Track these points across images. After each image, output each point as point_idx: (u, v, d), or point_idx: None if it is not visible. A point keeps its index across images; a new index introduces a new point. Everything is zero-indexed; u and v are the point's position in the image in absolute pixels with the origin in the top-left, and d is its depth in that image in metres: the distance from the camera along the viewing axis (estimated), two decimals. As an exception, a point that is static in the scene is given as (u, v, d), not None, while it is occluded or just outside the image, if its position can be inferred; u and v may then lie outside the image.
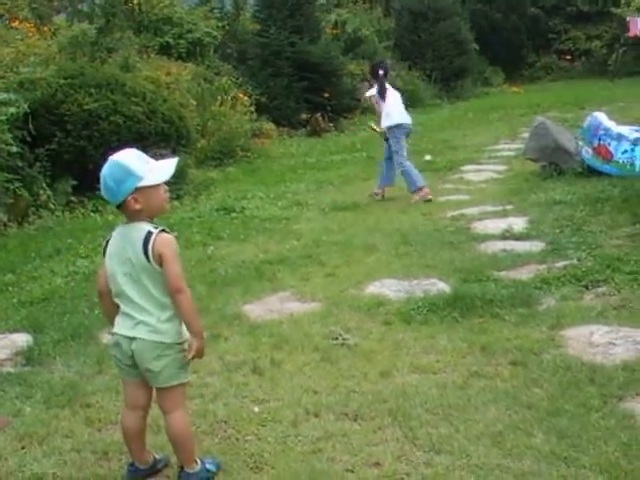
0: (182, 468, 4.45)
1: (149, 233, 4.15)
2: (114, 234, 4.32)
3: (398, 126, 12.75)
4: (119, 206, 4.24)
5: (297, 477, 4.37)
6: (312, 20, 26.18)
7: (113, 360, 4.56)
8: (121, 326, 4.31)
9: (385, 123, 12.89)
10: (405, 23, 34.65)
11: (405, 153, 12.73)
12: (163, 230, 4.20)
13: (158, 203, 4.29)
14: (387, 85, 13.07)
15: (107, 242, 4.35)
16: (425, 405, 5.12)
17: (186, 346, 4.30)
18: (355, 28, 30.98)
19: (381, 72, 12.96)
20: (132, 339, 4.24)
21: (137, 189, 4.15)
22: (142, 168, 4.18)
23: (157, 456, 4.65)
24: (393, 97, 13.02)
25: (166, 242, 4.17)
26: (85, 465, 4.69)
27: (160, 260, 4.14)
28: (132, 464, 4.56)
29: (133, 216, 4.23)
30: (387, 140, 12.97)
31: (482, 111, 26.59)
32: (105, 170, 4.17)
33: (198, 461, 4.45)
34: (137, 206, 4.17)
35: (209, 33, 23.04)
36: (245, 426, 5.05)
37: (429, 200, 12.24)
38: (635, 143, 11.85)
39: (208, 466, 4.49)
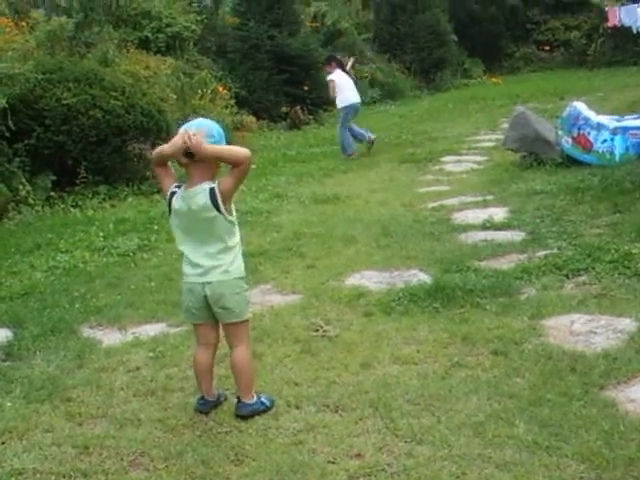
0: (239, 399, 5.11)
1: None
2: None
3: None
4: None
5: (278, 469, 4.37)
6: (291, 13, 26.19)
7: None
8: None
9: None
10: (384, 15, 34.54)
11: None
12: None
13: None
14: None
15: None
16: (406, 396, 5.13)
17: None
18: (334, 21, 30.95)
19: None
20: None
21: None
22: None
23: (219, 391, 5.38)
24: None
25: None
26: (65, 460, 4.70)
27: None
28: (202, 397, 5.26)
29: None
30: None
31: (462, 102, 26.56)
32: (208, 122, 5.01)
33: (254, 395, 5.01)
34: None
35: (188, 27, 22.92)
36: (226, 419, 5.08)
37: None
38: (614, 132, 11.87)
39: (263, 400, 5.13)
